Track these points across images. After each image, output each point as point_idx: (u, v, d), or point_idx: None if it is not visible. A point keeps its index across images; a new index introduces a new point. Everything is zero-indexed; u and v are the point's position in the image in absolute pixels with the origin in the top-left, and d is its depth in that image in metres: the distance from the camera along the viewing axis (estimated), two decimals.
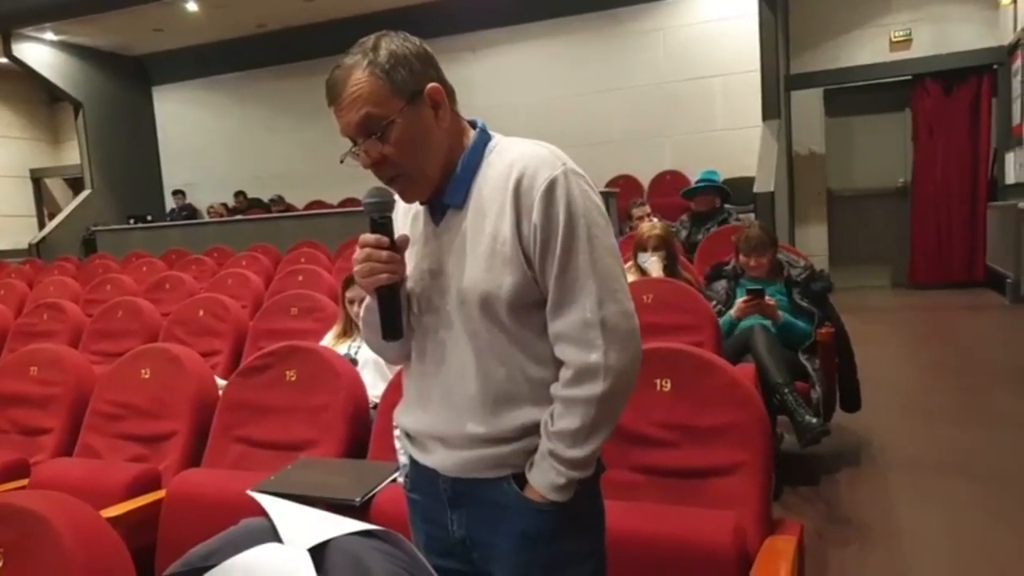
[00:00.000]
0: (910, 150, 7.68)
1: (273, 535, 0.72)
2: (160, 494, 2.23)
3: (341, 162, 1.22)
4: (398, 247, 1.22)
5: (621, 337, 1.15)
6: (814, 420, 2.79)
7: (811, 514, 2.83)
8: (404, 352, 1.32)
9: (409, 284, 1.26)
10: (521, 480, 1.20)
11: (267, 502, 0.82)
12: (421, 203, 1.26)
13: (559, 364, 1.18)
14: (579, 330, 1.14)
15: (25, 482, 2.44)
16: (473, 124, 1.25)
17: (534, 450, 1.19)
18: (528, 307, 1.17)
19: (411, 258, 1.26)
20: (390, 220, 1.22)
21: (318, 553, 0.68)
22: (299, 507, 0.83)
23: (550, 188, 1.13)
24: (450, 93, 1.21)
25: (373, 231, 1.20)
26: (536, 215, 1.13)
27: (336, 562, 0.70)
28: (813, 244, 7.93)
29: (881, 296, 7.48)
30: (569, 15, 9.01)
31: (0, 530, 1.34)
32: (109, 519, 2.03)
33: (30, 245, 10.47)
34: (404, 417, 1.34)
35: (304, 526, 0.75)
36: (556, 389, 1.18)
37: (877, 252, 7.88)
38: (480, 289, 1.17)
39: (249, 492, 1.13)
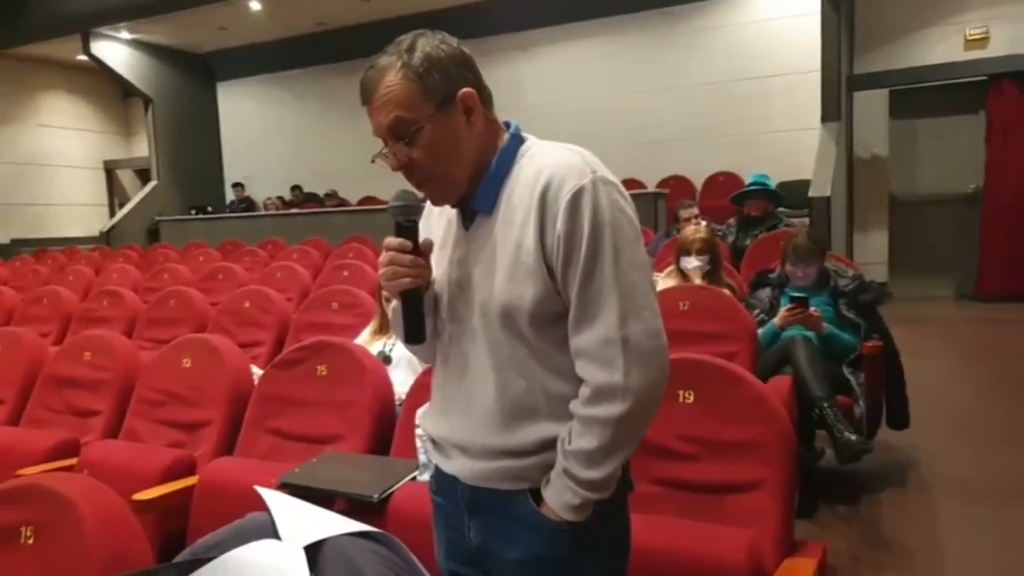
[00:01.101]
0: (983, 154, 7.31)
1: (275, 531, 0.74)
2: (193, 480, 2.30)
3: (372, 162, 1.21)
4: (422, 251, 1.21)
5: (644, 356, 1.10)
6: (854, 437, 2.69)
7: (848, 535, 2.73)
8: (434, 354, 1.31)
9: (436, 288, 1.25)
10: (539, 495, 1.18)
11: (270, 498, 0.84)
12: (452, 206, 1.24)
13: (581, 380, 1.14)
14: (599, 347, 1.10)
15: (74, 461, 2.54)
16: (508, 125, 1.23)
17: (553, 464, 1.16)
18: (550, 320, 1.14)
19: (441, 261, 1.25)
20: (415, 224, 1.21)
21: (314, 551, 0.69)
22: (301, 504, 0.84)
23: (576, 197, 1.09)
24: (486, 97, 1.19)
25: (398, 234, 1.19)
26: (560, 225, 1.10)
27: (330, 562, 0.70)
28: (873, 251, 7.66)
29: (944, 307, 7.16)
30: (625, 13, 8.93)
31: (33, 509, 1.42)
32: (144, 502, 2.13)
33: (100, 233, 10.94)
34: (427, 422, 1.33)
35: (303, 524, 0.76)
36: (575, 407, 1.14)
37: (942, 261, 7.53)
38: (502, 300, 1.14)
39: (256, 487, 1.16)
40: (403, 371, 2.85)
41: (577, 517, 1.14)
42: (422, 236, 1.26)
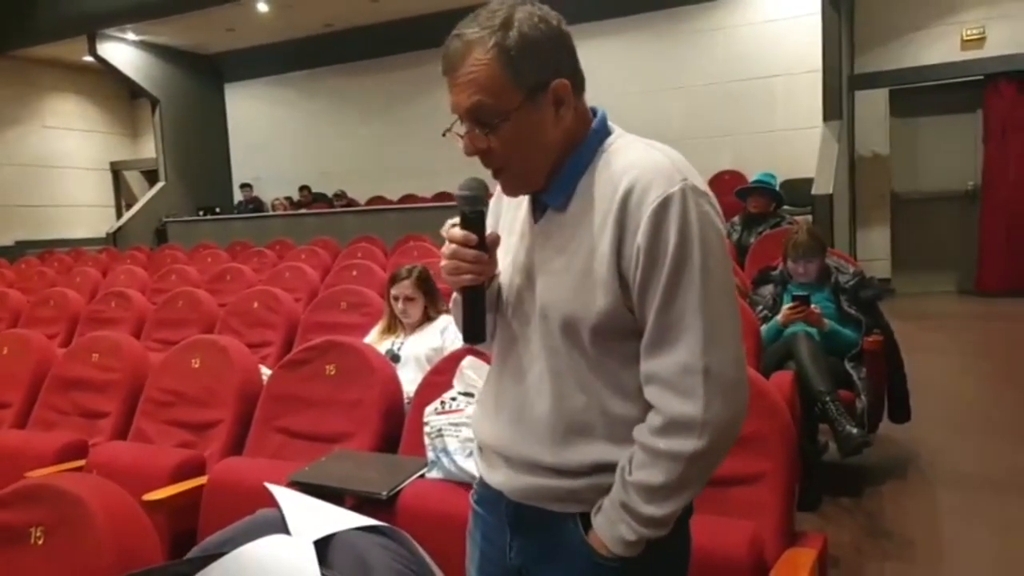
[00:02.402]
0: (981, 152, 7.36)
1: (284, 527, 0.76)
2: (203, 480, 2.31)
3: (444, 135, 1.10)
4: (487, 246, 1.11)
5: (726, 388, 1.00)
6: (855, 431, 2.72)
7: (851, 526, 2.77)
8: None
9: (503, 279, 1.16)
10: (589, 521, 1.08)
11: (280, 494, 0.87)
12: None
13: (646, 401, 1.04)
14: (677, 375, 1.00)
15: (83, 462, 2.56)
16: (594, 112, 1.13)
17: (606, 488, 1.06)
18: (615, 336, 1.05)
19: (509, 251, 1.15)
20: (482, 215, 1.11)
21: (323, 546, 0.72)
22: (310, 500, 0.87)
23: (663, 207, 0.98)
24: (579, 84, 1.08)
25: (463, 227, 1.10)
26: (642, 237, 0.99)
27: (339, 556, 0.73)
28: (875, 248, 7.71)
29: (945, 303, 7.19)
30: (629, 15, 8.96)
31: (43, 509, 1.44)
32: (153, 502, 2.15)
33: (107, 234, 10.97)
34: (475, 425, 1.25)
35: (312, 519, 0.79)
36: (641, 434, 1.03)
37: (943, 257, 7.57)
38: (565, 309, 1.05)
39: (266, 484, 1.18)
40: (411, 369, 2.88)
41: (628, 553, 1.04)
42: (491, 217, 1.18)
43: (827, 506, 2.90)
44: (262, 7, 9.72)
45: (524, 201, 1.15)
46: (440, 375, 2.32)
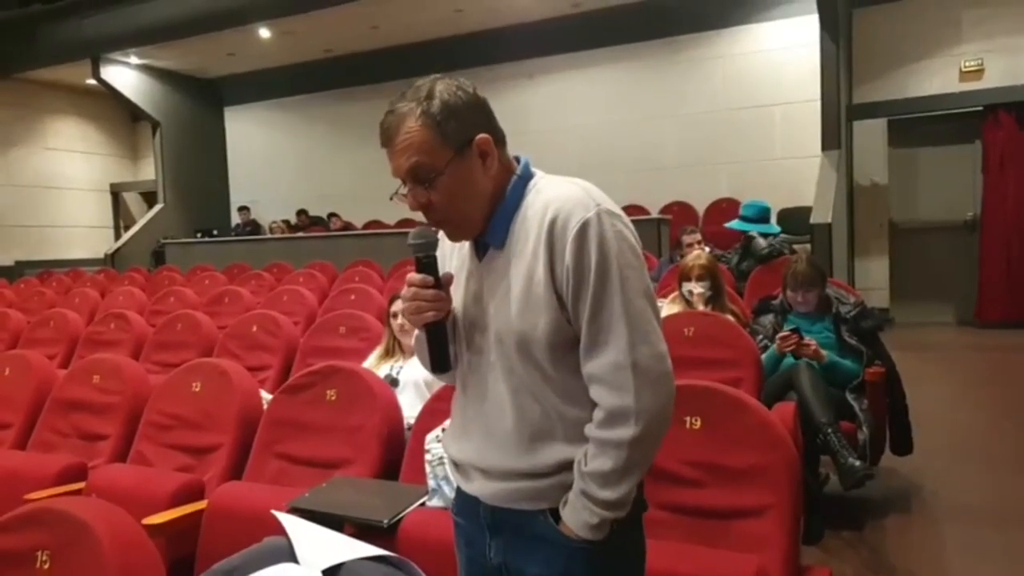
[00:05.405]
0: (980, 183, 7.42)
1: (292, 555, 0.76)
2: (202, 504, 2.30)
3: (390, 199, 1.25)
4: (443, 284, 1.26)
5: (653, 380, 1.15)
6: (857, 463, 2.71)
7: (854, 560, 2.74)
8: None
9: (456, 313, 1.30)
10: (558, 514, 1.22)
11: (288, 522, 0.87)
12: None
13: (594, 404, 1.18)
14: (611, 372, 1.15)
15: (82, 485, 2.53)
16: (518, 160, 1.28)
17: (570, 485, 1.20)
18: (564, 347, 1.19)
19: (458, 289, 1.30)
20: (435, 259, 1.26)
21: (331, 575, 0.72)
22: (318, 528, 0.87)
23: (583, 230, 1.14)
24: (499, 139, 1.24)
25: (419, 270, 1.25)
26: (569, 257, 1.15)
27: None
28: (873, 277, 7.73)
29: (945, 333, 7.20)
30: (628, 43, 9.06)
31: (49, 533, 1.44)
32: (153, 526, 2.13)
33: (106, 255, 10.96)
34: (449, 444, 1.38)
35: (320, 548, 0.79)
36: (589, 430, 1.18)
37: (942, 287, 7.61)
38: (516, 330, 1.20)
39: (273, 512, 1.17)
40: (410, 394, 2.87)
41: (595, 536, 1.18)
42: (438, 261, 1.31)
43: (830, 539, 2.87)
44: (264, 33, 9.82)
45: (466, 245, 1.30)
46: (441, 402, 2.32)
